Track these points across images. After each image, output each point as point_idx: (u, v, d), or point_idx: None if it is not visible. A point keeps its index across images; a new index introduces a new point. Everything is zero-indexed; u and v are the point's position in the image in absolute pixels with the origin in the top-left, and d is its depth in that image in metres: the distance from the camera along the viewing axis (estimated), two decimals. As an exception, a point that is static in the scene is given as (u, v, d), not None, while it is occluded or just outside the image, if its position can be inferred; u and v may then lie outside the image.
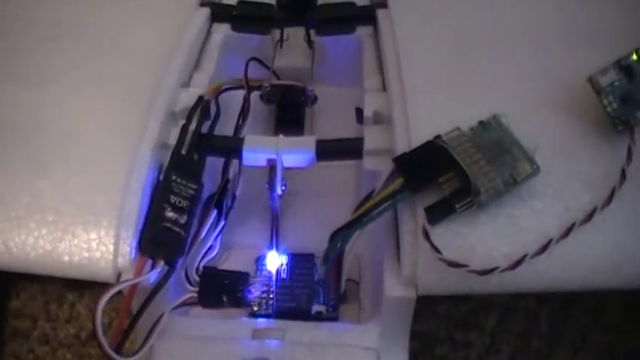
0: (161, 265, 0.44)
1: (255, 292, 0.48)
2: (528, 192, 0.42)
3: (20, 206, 0.44)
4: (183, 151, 0.48)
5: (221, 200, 0.49)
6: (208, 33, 0.58)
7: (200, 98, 0.50)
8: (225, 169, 0.50)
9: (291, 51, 0.60)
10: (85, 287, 0.57)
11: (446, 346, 0.55)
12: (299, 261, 0.49)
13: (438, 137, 0.43)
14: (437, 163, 0.42)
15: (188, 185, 0.46)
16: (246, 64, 0.54)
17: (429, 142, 0.43)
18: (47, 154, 0.46)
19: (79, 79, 0.51)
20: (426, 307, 0.56)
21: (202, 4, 0.59)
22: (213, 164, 0.50)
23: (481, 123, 0.43)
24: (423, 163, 0.42)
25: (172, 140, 0.48)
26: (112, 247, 0.43)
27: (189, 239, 0.46)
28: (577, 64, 0.45)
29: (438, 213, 0.42)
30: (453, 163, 0.41)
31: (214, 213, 0.48)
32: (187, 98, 0.50)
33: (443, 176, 0.42)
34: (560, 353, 0.55)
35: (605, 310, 0.56)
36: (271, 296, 0.48)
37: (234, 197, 0.50)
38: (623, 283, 0.42)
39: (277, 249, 0.49)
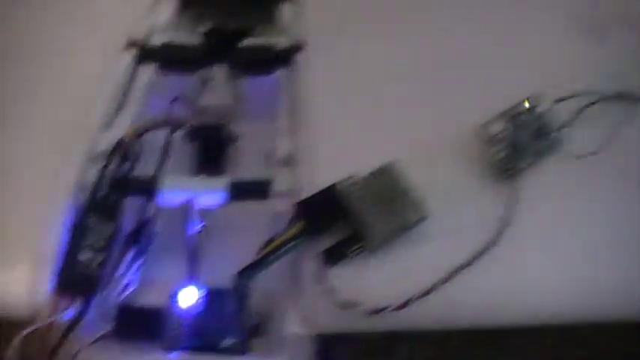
0: (76, 304, 0.46)
1: (169, 326, 0.50)
2: (418, 236, 0.45)
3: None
4: (102, 193, 0.50)
5: (139, 238, 0.51)
6: (134, 74, 0.60)
7: (120, 140, 0.52)
8: (144, 208, 0.52)
9: (215, 90, 0.62)
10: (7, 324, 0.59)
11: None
12: (213, 296, 0.51)
13: (335, 184, 0.45)
14: (334, 209, 0.45)
15: (105, 226, 0.49)
16: (171, 104, 0.57)
17: (327, 189, 0.46)
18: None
19: (2, 120, 0.53)
20: (339, 337, 0.58)
21: (129, 46, 0.61)
22: (136, 202, 0.52)
23: (377, 170, 0.46)
24: (321, 209, 0.45)
25: (92, 181, 0.50)
26: (28, 287, 0.45)
27: (106, 277, 0.48)
28: (472, 111, 0.48)
29: (333, 256, 0.45)
30: (348, 209, 0.44)
31: (132, 251, 0.51)
32: (109, 140, 0.53)
33: (339, 222, 0.45)
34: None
35: (511, 338, 0.59)
36: (185, 331, 0.50)
37: (153, 235, 0.53)
38: (507, 323, 0.45)
39: (193, 284, 0.52)
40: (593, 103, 0.50)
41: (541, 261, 0.45)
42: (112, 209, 0.50)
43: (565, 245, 0.46)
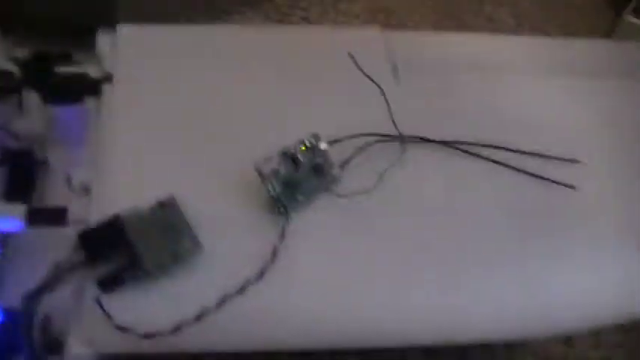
0: None
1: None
2: (194, 267, 0.49)
3: None
4: None
5: None
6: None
7: None
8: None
9: (30, 115, 0.64)
10: None
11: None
12: (8, 317, 0.53)
13: (117, 215, 0.49)
14: (114, 238, 0.48)
15: None
16: (-18, 130, 0.59)
17: (109, 220, 0.49)
18: None
19: None
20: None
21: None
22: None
23: (159, 203, 0.50)
24: (102, 239, 0.48)
25: None
26: None
27: None
28: (254, 150, 0.52)
29: (110, 283, 0.48)
30: (127, 238, 0.48)
31: None
32: None
33: (117, 251, 0.48)
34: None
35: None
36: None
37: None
38: (272, 346, 0.50)
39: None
40: (369, 145, 0.55)
41: (308, 289, 0.50)
42: None
43: (331, 275, 0.51)
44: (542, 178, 0.58)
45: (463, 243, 0.53)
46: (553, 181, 0.57)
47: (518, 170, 0.58)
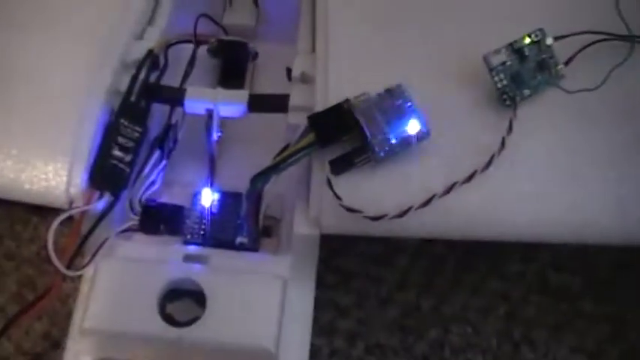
0: (107, 196, 0.52)
1: (189, 222, 0.55)
2: (420, 152, 0.49)
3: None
4: (132, 98, 0.54)
5: (163, 142, 0.56)
6: (165, -10, 0.63)
7: (150, 51, 0.56)
8: (170, 115, 0.56)
9: (239, 9, 0.66)
10: (48, 212, 0.63)
11: (361, 279, 0.62)
12: (228, 198, 0.56)
13: (347, 100, 0.49)
14: (343, 122, 0.49)
15: (134, 129, 0.53)
16: (196, 20, 0.60)
17: (339, 104, 0.50)
18: (12, 95, 0.53)
19: (44, 25, 0.56)
20: (346, 246, 0.63)
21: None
22: (163, 110, 0.57)
23: (387, 90, 0.50)
24: (332, 122, 0.49)
25: (124, 87, 0.54)
26: (65, 179, 0.50)
27: (134, 175, 0.53)
28: (478, 42, 0.52)
29: (340, 165, 0.49)
30: (357, 123, 0.48)
31: (157, 153, 0.55)
32: (139, 50, 0.56)
33: (347, 134, 0.49)
34: (459, 294, 0.62)
35: (504, 260, 0.63)
36: (202, 227, 0.55)
37: (176, 140, 0.57)
38: (494, 236, 0.50)
39: (211, 187, 0.56)
40: (595, 42, 0.53)
41: (533, 180, 0.50)
42: (140, 114, 0.54)
43: (555, 171, 0.50)
44: None
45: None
46: None
47: None
